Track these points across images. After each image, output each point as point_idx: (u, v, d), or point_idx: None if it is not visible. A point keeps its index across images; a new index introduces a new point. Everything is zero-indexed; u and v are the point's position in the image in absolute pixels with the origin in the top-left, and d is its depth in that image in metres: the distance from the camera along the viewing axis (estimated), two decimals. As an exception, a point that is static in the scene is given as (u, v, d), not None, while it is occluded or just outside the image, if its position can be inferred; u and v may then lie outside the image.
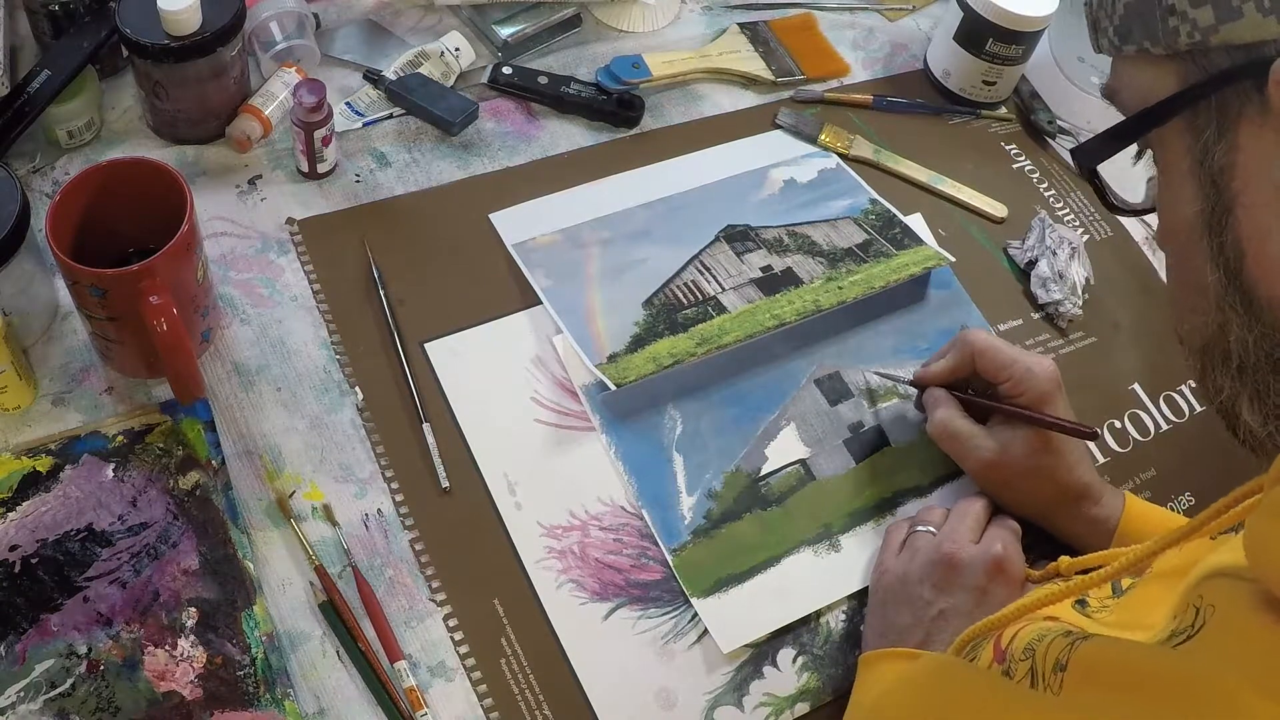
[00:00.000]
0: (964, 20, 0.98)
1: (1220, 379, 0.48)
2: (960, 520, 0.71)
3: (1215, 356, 0.48)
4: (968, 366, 0.76)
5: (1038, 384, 0.73)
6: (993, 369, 0.75)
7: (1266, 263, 0.44)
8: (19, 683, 0.62)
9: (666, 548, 0.73)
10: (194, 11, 0.78)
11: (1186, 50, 0.45)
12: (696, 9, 1.07)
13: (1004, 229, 0.96)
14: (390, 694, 0.65)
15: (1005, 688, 0.50)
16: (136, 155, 0.77)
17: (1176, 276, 0.50)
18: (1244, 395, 0.47)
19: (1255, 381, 0.46)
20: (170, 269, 0.67)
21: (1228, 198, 0.45)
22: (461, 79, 0.96)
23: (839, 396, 0.81)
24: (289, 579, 0.69)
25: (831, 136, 0.97)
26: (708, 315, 0.82)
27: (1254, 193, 0.44)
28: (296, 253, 0.82)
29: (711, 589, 0.72)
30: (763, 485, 0.77)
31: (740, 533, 0.74)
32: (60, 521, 0.67)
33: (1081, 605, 0.61)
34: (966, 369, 0.76)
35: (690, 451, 0.77)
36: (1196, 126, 0.46)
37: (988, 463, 0.74)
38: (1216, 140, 0.45)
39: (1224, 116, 0.45)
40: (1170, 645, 0.41)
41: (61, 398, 0.73)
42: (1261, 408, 0.46)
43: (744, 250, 0.87)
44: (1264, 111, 0.43)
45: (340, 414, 0.75)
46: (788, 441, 0.79)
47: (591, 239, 0.86)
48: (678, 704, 0.68)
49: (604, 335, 0.80)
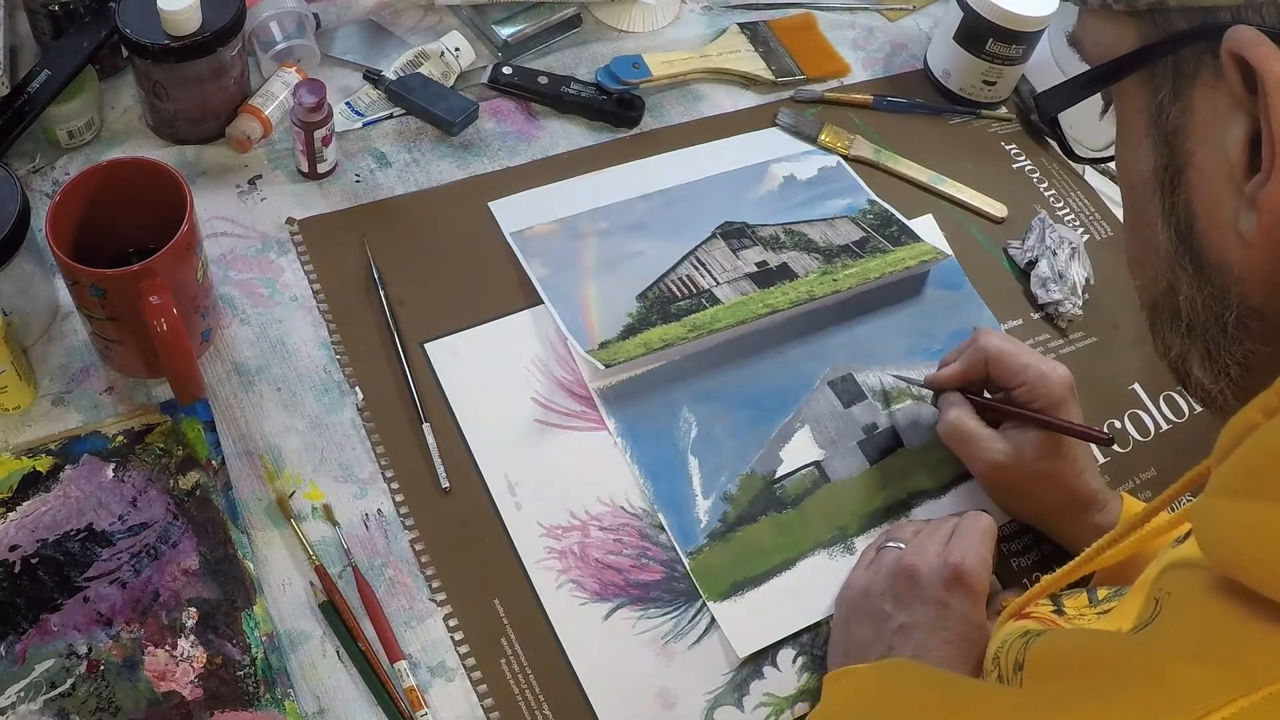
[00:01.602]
0: (964, 20, 0.98)
1: (1170, 336, 0.48)
2: (930, 535, 0.70)
3: (1165, 314, 0.48)
4: (981, 370, 0.76)
5: (1051, 389, 0.73)
6: (1006, 374, 0.74)
7: (1217, 227, 0.44)
8: (19, 683, 0.62)
9: (683, 551, 0.73)
10: (194, 11, 0.78)
11: (1146, 9, 0.45)
12: (696, 9, 1.07)
13: (1004, 229, 0.96)
14: (390, 694, 0.65)
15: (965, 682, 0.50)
16: (136, 155, 0.77)
17: (1130, 230, 0.50)
18: (1194, 353, 0.47)
19: (1205, 340, 0.46)
20: (170, 269, 0.67)
21: (1180, 158, 0.45)
22: (461, 79, 0.96)
23: (853, 398, 0.81)
24: (289, 579, 0.69)
25: (831, 136, 0.97)
26: (701, 307, 0.82)
27: (1206, 155, 0.44)
28: (296, 253, 0.82)
29: (728, 592, 0.72)
30: (778, 488, 0.76)
31: (756, 535, 0.74)
32: (60, 521, 0.67)
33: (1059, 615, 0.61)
34: (980, 373, 0.76)
35: (705, 454, 0.77)
36: (1153, 84, 0.46)
37: (997, 465, 0.73)
38: (1172, 100, 0.45)
39: (1179, 78, 0.45)
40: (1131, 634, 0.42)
41: (61, 398, 0.73)
42: (1213, 366, 0.46)
43: (740, 247, 0.87)
44: (1217, 76, 0.43)
45: (340, 414, 0.75)
46: (802, 444, 0.79)
47: (589, 230, 0.87)
48: (678, 704, 0.68)
49: (596, 324, 0.80)
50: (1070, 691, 0.38)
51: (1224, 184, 0.43)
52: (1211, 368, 0.46)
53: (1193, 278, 0.46)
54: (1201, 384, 0.47)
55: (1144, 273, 0.49)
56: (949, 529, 0.71)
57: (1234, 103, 0.42)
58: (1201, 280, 0.45)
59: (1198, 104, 0.44)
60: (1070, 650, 0.44)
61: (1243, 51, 0.40)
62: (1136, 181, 0.48)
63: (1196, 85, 0.44)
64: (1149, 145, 0.47)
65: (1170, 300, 0.47)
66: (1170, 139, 0.45)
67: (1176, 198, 0.45)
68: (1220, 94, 0.43)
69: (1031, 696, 0.38)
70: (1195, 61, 0.44)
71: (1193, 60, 0.44)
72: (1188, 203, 0.45)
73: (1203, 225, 0.45)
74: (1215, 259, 0.44)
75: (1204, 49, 0.43)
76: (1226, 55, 0.41)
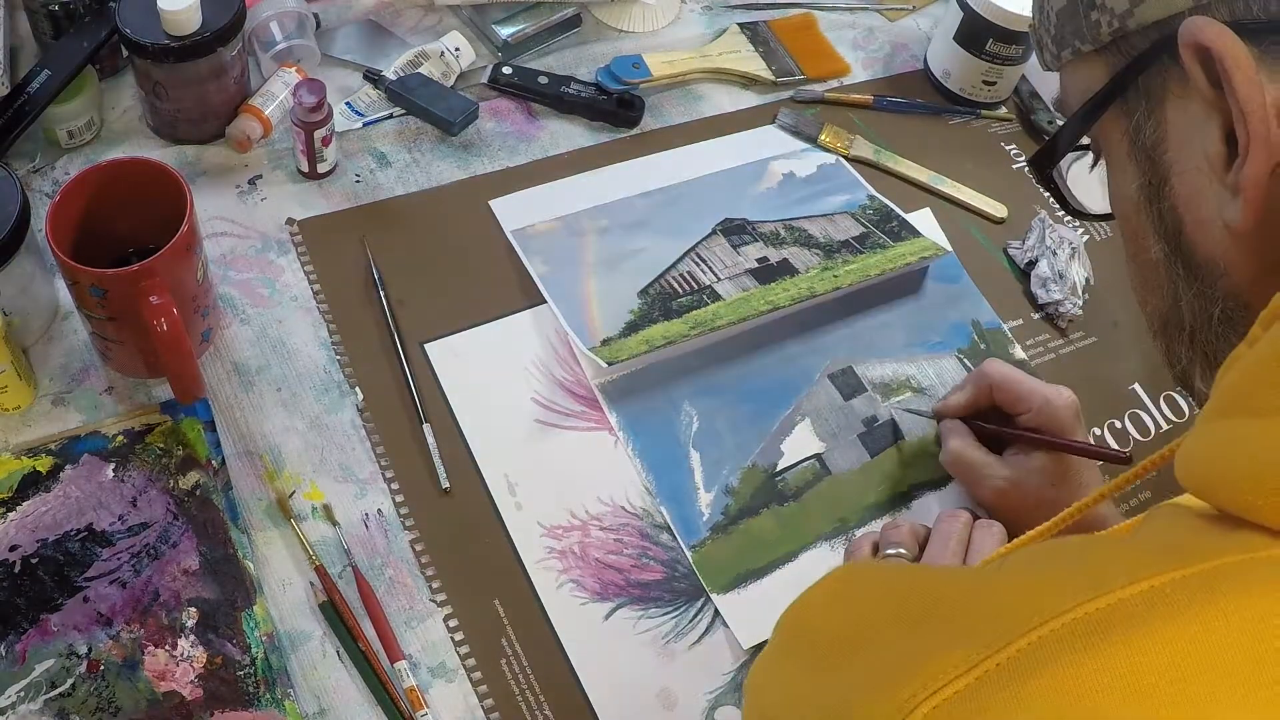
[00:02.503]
0: (964, 20, 0.98)
1: (1178, 349, 0.50)
2: (944, 543, 0.66)
3: (1173, 329, 0.50)
4: (986, 398, 0.76)
5: (1057, 414, 0.73)
6: (1011, 400, 0.74)
7: (1202, 225, 0.46)
8: (19, 683, 0.62)
9: (686, 544, 0.73)
10: (194, 11, 0.78)
11: (1110, 40, 0.47)
12: (696, 9, 1.07)
13: (1004, 229, 0.96)
14: (390, 694, 0.65)
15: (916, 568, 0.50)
16: (136, 155, 0.77)
17: (1134, 261, 0.52)
18: (1196, 363, 0.49)
19: (1204, 346, 0.48)
20: (170, 269, 0.67)
21: (1163, 168, 0.47)
22: (461, 79, 0.96)
23: (853, 391, 0.82)
24: (289, 579, 0.69)
25: (831, 137, 0.97)
26: (702, 303, 0.82)
27: (1185, 160, 0.46)
28: (296, 253, 0.82)
29: (731, 585, 0.72)
30: (779, 480, 0.77)
31: (758, 528, 0.74)
32: (60, 521, 0.67)
33: None
34: (985, 401, 0.76)
35: (707, 448, 0.77)
36: (1128, 110, 0.48)
37: (1001, 492, 0.73)
38: (1147, 119, 0.47)
39: (1150, 96, 0.47)
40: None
41: (61, 398, 0.73)
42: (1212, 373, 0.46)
43: (740, 243, 0.87)
44: (1184, 83, 0.44)
45: (340, 414, 0.75)
46: (803, 437, 0.79)
47: (590, 227, 0.87)
48: (678, 704, 0.68)
49: (598, 321, 0.80)
50: (1037, 562, 0.39)
51: (1205, 182, 0.45)
52: (1210, 375, 0.47)
53: (1186, 281, 0.47)
54: (1203, 395, 0.47)
55: (1152, 297, 0.51)
56: (958, 536, 0.67)
57: (1204, 103, 0.43)
58: (1192, 279, 0.47)
59: (1171, 115, 0.46)
60: (1046, 546, 0.45)
61: (1198, 38, 0.42)
62: (1129, 209, 0.50)
63: (1167, 97, 0.46)
64: (1133, 166, 0.49)
65: (1176, 314, 0.49)
66: (1151, 153, 0.47)
67: (1163, 205, 0.47)
68: (1191, 100, 0.45)
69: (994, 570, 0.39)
70: (1161, 75, 0.46)
71: (1159, 75, 0.46)
72: (1173, 209, 0.47)
73: (1190, 227, 0.46)
74: (1204, 256, 0.46)
75: (1167, 61, 0.45)
76: (1185, 51, 0.43)
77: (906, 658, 0.34)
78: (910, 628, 0.36)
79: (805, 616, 0.43)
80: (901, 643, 0.36)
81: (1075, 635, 0.32)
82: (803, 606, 0.43)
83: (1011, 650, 0.32)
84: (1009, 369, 0.76)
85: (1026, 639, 0.32)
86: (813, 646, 0.40)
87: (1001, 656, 0.32)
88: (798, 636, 0.43)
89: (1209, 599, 0.32)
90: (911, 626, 0.36)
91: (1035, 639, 0.32)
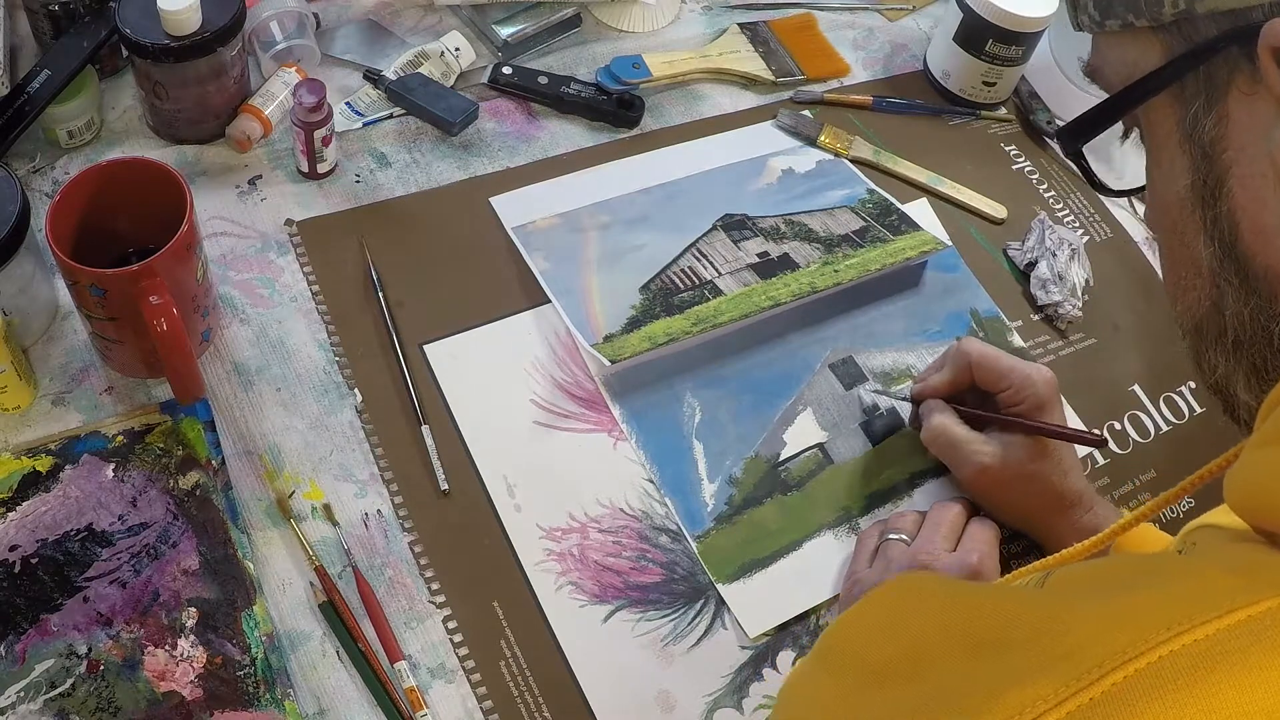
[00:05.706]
0: (964, 21, 0.98)
1: (1215, 356, 0.47)
2: (935, 528, 0.70)
3: (1210, 334, 0.47)
4: (965, 377, 0.76)
5: (1037, 390, 0.73)
6: (990, 378, 0.74)
7: (1262, 234, 0.43)
8: (19, 683, 0.62)
9: (690, 534, 0.73)
10: (194, 11, 0.78)
11: (1171, 21, 0.44)
12: (696, 9, 1.07)
13: (1004, 230, 0.96)
14: (390, 694, 0.65)
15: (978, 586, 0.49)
16: (136, 155, 0.77)
17: (1169, 255, 0.49)
18: (1239, 372, 0.46)
19: (1252, 356, 0.45)
20: (170, 269, 0.67)
21: (1220, 169, 0.44)
22: (461, 79, 0.96)
23: (853, 380, 0.82)
24: (289, 579, 0.69)
25: (831, 137, 0.97)
26: (704, 299, 0.82)
27: (1247, 163, 0.43)
28: (296, 253, 0.82)
29: (735, 574, 0.72)
30: (782, 470, 0.77)
31: (762, 518, 0.75)
32: (60, 521, 0.67)
33: None
34: (965, 380, 0.76)
35: (710, 439, 0.77)
36: (1184, 99, 0.45)
37: (984, 468, 0.73)
38: (1206, 112, 0.44)
39: (1212, 87, 0.44)
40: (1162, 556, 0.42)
41: (61, 398, 0.73)
42: (1260, 384, 0.45)
43: (741, 238, 0.87)
44: (1254, 79, 0.42)
45: (340, 415, 0.75)
46: (805, 426, 0.79)
47: (590, 223, 0.87)
48: (677, 706, 0.68)
49: (600, 317, 0.80)
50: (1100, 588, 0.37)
51: (1268, 189, 0.42)
52: (1259, 386, 0.45)
53: (1239, 290, 0.45)
54: (1248, 405, 0.46)
55: (1186, 296, 0.48)
56: (950, 523, 0.71)
57: (1274, 103, 0.41)
58: (1248, 292, 0.44)
59: (1234, 111, 0.43)
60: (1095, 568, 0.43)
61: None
62: (1172, 201, 0.47)
63: (1231, 92, 0.43)
64: (1184, 161, 0.46)
65: (1216, 318, 0.46)
66: (1208, 150, 0.44)
67: (1219, 209, 0.45)
68: (1258, 98, 0.42)
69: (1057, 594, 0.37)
70: (1228, 68, 0.43)
71: (1225, 67, 0.43)
72: (1230, 213, 0.44)
73: (1248, 234, 0.44)
74: (1261, 266, 0.44)
75: (1237, 54, 0.42)
76: (1266, 52, 0.40)
77: (979, 685, 0.33)
78: (977, 652, 0.35)
79: (854, 633, 0.41)
80: (969, 667, 0.35)
81: (1178, 670, 0.31)
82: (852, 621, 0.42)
83: (1105, 684, 0.31)
84: (986, 346, 0.75)
85: (1122, 672, 0.31)
86: (862, 664, 0.39)
87: (1095, 691, 0.31)
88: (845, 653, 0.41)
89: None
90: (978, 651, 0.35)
91: (1132, 672, 0.31)
